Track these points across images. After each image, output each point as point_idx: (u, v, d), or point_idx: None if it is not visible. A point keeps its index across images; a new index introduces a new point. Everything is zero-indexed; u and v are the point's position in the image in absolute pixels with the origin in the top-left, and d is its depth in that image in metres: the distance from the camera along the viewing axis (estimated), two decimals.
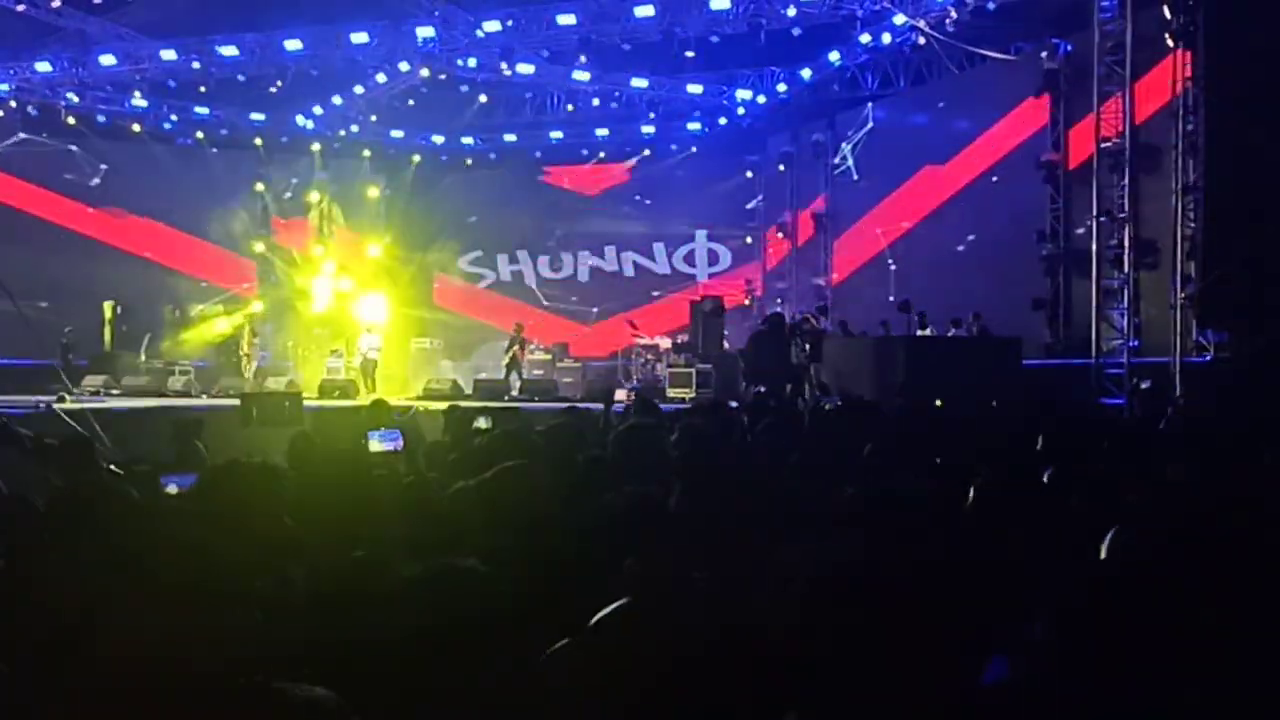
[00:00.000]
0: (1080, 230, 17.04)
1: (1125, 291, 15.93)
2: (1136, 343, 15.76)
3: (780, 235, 24.03)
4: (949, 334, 16.92)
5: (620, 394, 13.68)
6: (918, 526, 3.03)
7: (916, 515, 3.11)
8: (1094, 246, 16.18)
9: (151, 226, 23.95)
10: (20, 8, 18.38)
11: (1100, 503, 2.95)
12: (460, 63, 20.75)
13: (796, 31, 18.82)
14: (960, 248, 19.10)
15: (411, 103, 23.84)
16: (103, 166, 23.39)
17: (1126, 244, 15.91)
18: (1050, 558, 2.64)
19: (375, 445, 5.55)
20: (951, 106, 19.91)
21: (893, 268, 19.83)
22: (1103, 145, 16.05)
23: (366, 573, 2.63)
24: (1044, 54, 17.90)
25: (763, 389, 13.48)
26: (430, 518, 3.26)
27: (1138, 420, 10.40)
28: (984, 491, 3.28)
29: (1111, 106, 16.05)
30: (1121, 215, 15.94)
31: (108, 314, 21.41)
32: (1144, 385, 14.18)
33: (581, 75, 21.27)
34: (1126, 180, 15.89)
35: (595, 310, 25.37)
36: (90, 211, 23.59)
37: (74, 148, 23.10)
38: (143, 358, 20.95)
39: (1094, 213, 16.13)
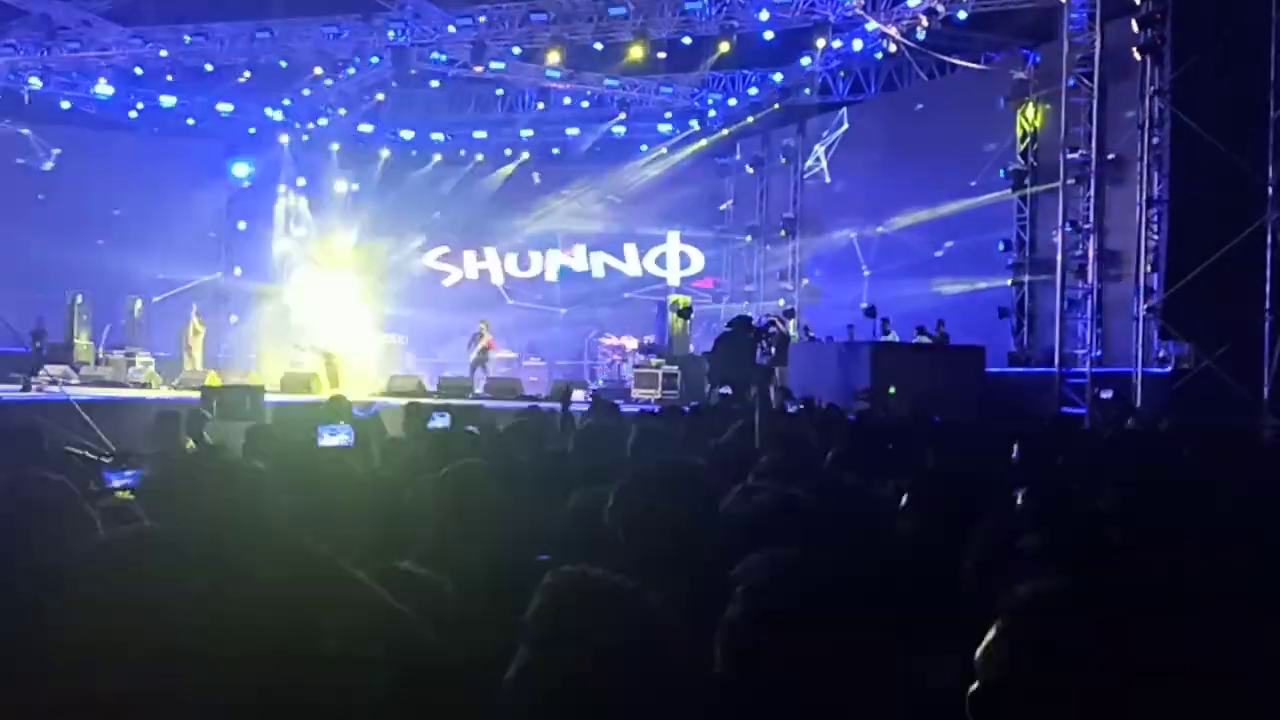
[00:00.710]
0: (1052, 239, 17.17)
1: (1089, 301, 16.07)
2: (1099, 352, 15.90)
3: (749, 238, 24.07)
4: (915, 340, 17.00)
5: (578, 394, 13.63)
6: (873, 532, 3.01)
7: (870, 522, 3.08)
8: (1059, 257, 16.31)
9: (112, 215, 23.60)
10: None
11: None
12: (432, 57, 20.63)
13: (769, 35, 18.87)
14: (937, 253, 19.15)
15: (381, 97, 23.69)
16: (55, 151, 23.01)
17: (1091, 254, 16.05)
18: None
19: (326, 440, 5.47)
20: (923, 114, 19.99)
21: (866, 274, 19.85)
22: (1069, 156, 16.17)
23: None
24: (1014, 64, 18.05)
25: (727, 391, 13.48)
26: (381, 517, 3.20)
27: (1084, 432, 10.43)
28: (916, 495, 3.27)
29: (1078, 116, 16.19)
30: (1087, 226, 16.08)
31: (69, 303, 21.10)
32: (1104, 395, 14.30)
33: (553, 73, 21.21)
34: (1092, 192, 16.03)
35: (563, 310, 25.31)
36: (41, 199, 23.14)
37: (27, 130, 22.70)
38: (102, 349, 20.69)
39: (1059, 223, 16.26)
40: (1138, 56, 14.53)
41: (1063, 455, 5.61)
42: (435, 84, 22.70)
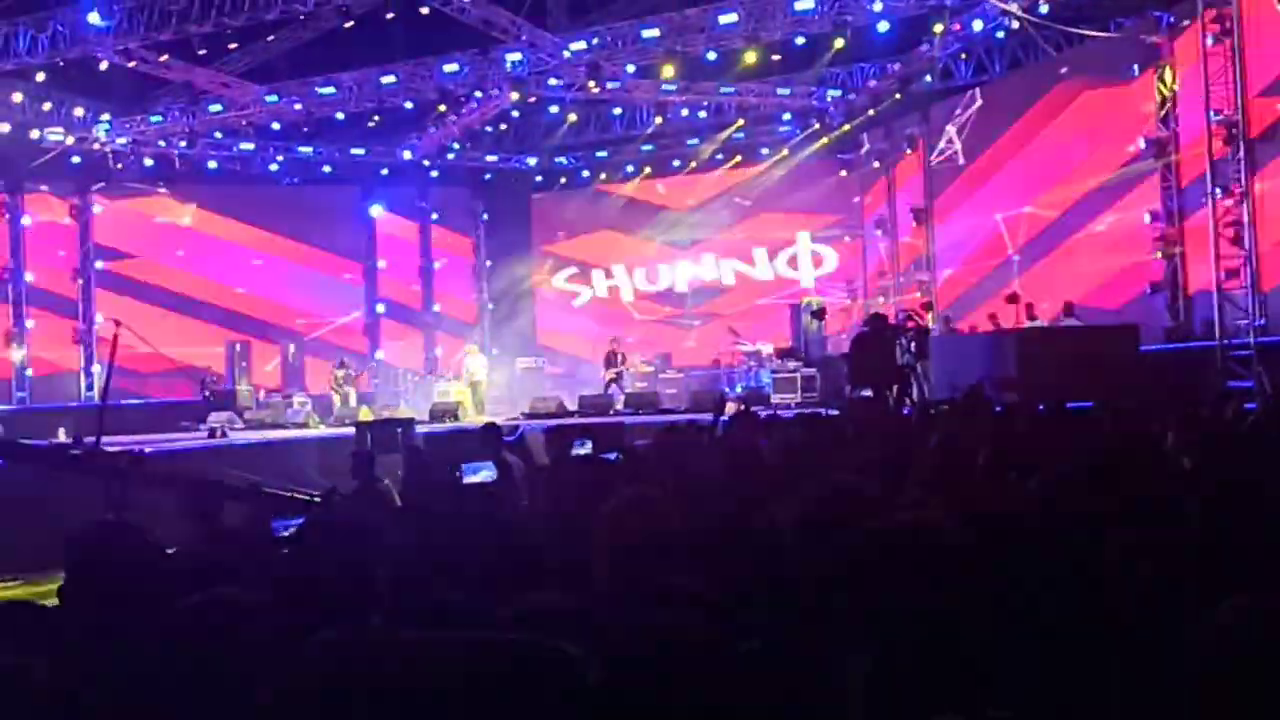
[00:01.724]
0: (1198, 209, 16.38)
1: (1247, 269, 15.27)
2: (1263, 320, 15.07)
3: (879, 233, 23.66)
4: (1062, 323, 16.45)
5: (730, 406, 13.55)
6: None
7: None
8: (1211, 224, 15.54)
9: (267, 261, 24.79)
10: (132, 64, 19.20)
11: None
12: (549, 83, 20.99)
13: (884, 26, 18.55)
14: (1079, 232, 18.47)
15: (504, 126, 24.25)
16: (190, 206, 24.21)
17: (1246, 220, 15.26)
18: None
19: (470, 478, 5.60)
20: (1054, 88, 19.29)
21: (1016, 258, 19.25)
22: (1214, 119, 15.42)
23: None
24: (1146, 28, 17.30)
25: (869, 392, 13.27)
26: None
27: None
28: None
29: (1221, 77, 15.43)
30: (1238, 190, 15.29)
31: (229, 351, 22.17)
32: None
33: (669, 87, 21.33)
34: (1241, 154, 15.24)
35: (696, 321, 25.37)
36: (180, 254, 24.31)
37: (163, 189, 23.93)
38: (261, 392, 21.70)
39: (1208, 189, 15.51)
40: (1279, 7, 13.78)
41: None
42: (554, 109, 23.10)
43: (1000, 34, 19.16)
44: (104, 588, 2.50)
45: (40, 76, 19.49)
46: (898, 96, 21.74)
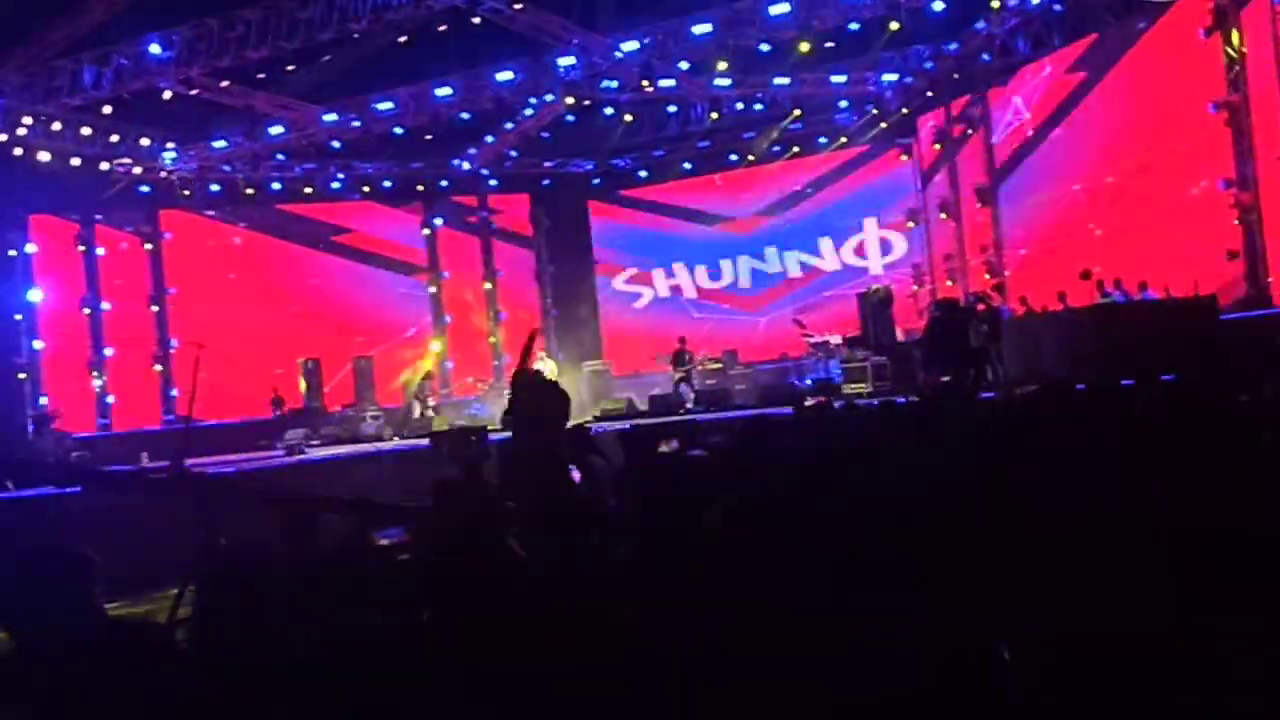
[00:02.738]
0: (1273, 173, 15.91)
1: None
2: None
3: (944, 215, 23.31)
4: (1138, 297, 16.10)
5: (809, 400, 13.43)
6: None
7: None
8: None
9: (328, 282, 25.14)
10: (194, 91, 19.58)
11: None
12: (602, 86, 21.01)
13: (939, 5, 18.30)
14: (1152, 205, 18.04)
15: (559, 132, 24.34)
16: (242, 224, 24.57)
17: None
18: None
19: None
20: (1118, 58, 18.84)
21: (1097, 233, 18.83)
22: None
23: None
24: None
25: (946, 378, 13.10)
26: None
27: None
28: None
29: None
30: None
31: (301, 369, 22.49)
32: None
33: (723, 81, 21.23)
34: None
35: (763, 319, 25.21)
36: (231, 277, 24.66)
37: (211, 211, 24.33)
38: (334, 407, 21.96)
39: None
40: None
41: None
42: (609, 110, 23.12)
43: (1057, 6, 18.82)
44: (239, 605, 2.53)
45: (107, 109, 19.94)
46: (955, 76, 21.43)
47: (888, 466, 4.10)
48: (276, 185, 24.48)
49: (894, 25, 18.75)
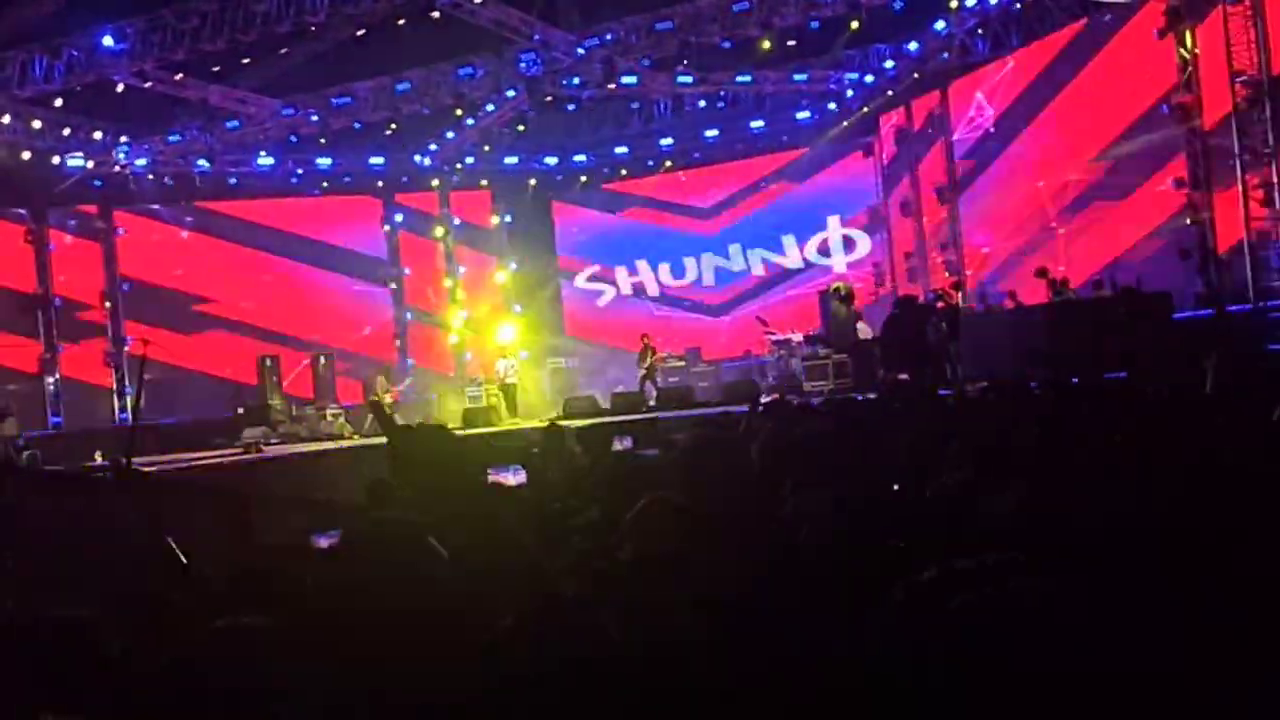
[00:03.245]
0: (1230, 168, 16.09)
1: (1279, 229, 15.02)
2: None
3: (904, 214, 23.42)
4: (1092, 296, 16.23)
5: (764, 399, 13.43)
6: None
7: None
8: (1240, 186, 15.29)
9: (287, 278, 24.84)
10: (148, 84, 19.30)
11: None
12: (564, 83, 20.93)
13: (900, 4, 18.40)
14: (1108, 200, 18.22)
15: (522, 128, 24.21)
16: (197, 218, 24.21)
17: (1275, 180, 15.00)
18: None
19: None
20: (1075, 57, 18.99)
21: (1060, 231, 18.98)
22: (1238, 80, 15.16)
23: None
24: None
25: (904, 376, 13.16)
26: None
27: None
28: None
29: (1242, 38, 15.17)
30: (1266, 150, 15.04)
31: (260, 365, 22.23)
32: None
33: (685, 79, 21.23)
34: (1268, 114, 14.98)
35: (725, 314, 25.24)
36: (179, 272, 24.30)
37: (165, 206, 23.95)
38: (291, 406, 21.70)
39: (1236, 151, 15.26)
40: None
41: None
42: (572, 107, 23.04)
43: (1018, 5, 18.93)
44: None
45: (58, 102, 19.62)
46: (916, 76, 21.53)
47: (825, 467, 4.09)
48: (233, 180, 24.17)
49: (854, 24, 18.83)
